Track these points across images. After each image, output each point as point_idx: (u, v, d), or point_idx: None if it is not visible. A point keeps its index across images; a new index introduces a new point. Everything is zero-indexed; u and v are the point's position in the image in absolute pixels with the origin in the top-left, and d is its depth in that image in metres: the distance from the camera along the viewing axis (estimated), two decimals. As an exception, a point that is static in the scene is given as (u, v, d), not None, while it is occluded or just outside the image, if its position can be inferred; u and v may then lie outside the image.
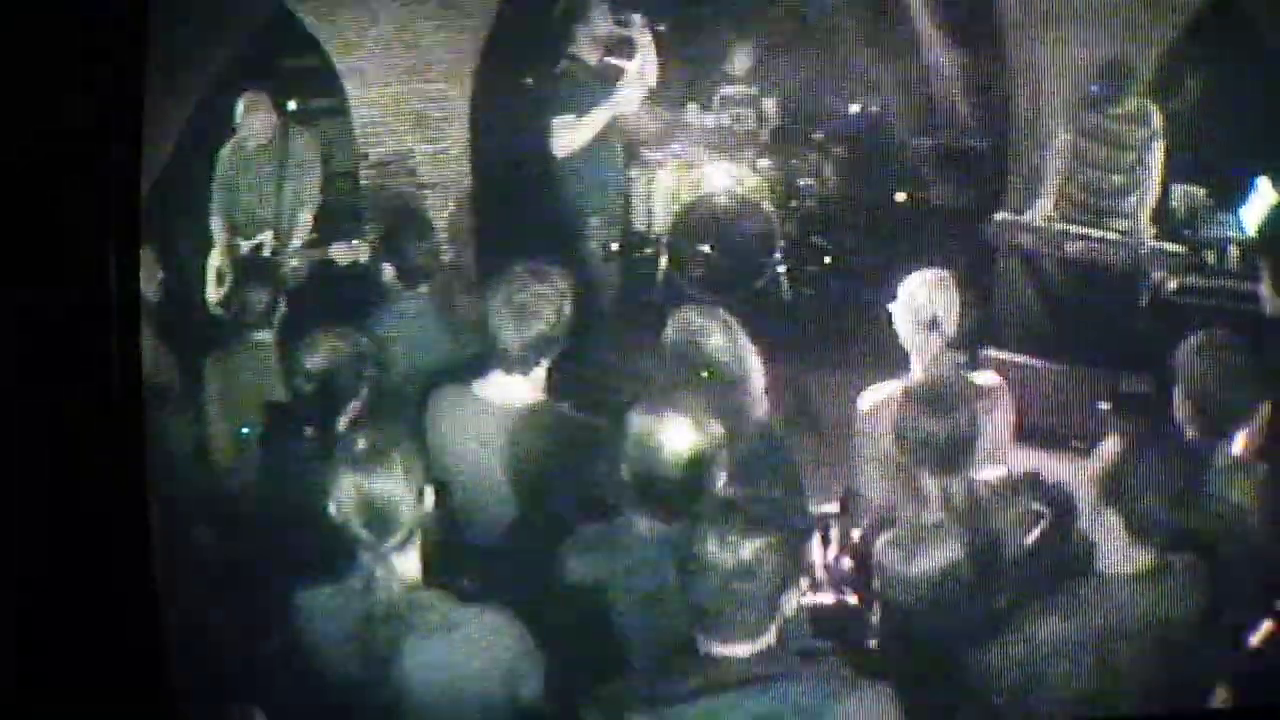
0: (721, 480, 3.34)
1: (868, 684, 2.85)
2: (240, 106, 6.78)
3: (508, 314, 3.82)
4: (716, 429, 3.37)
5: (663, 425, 3.32)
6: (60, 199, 2.73)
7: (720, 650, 2.81)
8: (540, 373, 3.91)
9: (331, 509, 3.11)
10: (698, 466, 3.29)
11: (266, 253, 6.75)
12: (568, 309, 3.91)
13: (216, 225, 6.88)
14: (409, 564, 3.15)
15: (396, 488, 3.08)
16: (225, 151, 6.91)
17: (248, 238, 6.85)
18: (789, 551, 2.84)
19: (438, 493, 3.28)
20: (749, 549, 2.76)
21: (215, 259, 6.84)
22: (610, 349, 4.22)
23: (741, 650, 2.80)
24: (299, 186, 6.92)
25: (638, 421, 3.38)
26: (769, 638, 2.83)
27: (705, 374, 3.93)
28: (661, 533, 3.29)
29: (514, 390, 3.89)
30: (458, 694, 3.10)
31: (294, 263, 6.73)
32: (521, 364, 3.85)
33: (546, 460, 3.82)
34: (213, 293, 6.77)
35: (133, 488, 2.85)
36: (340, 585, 3.17)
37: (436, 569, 3.38)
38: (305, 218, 6.93)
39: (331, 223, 7.17)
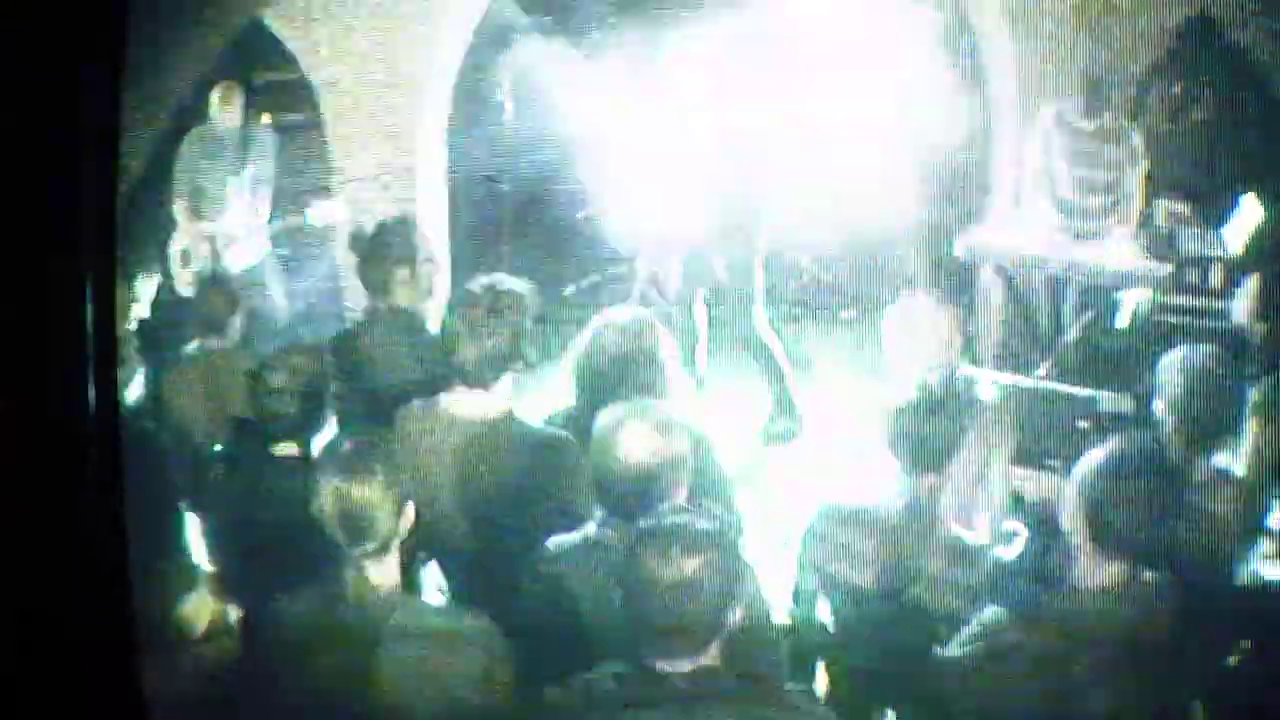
0: (681, 490, 3.31)
1: (812, 709, 2.81)
2: (215, 96, 6.99)
3: (464, 329, 3.80)
4: (678, 439, 3.33)
5: (623, 427, 3.30)
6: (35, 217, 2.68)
7: (662, 665, 2.77)
8: (504, 386, 3.86)
9: (312, 512, 3.13)
10: (653, 473, 3.26)
11: (229, 232, 7.03)
12: (527, 324, 3.87)
13: (180, 208, 7.06)
14: (386, 571, 3.17)
15: (376, 496, 3.11)
16: (191, 137, 7.07)
17: (209, 220, 7.07)
18: (731, 569, 2.80)
19: (415, 504, 3.28)
20: (690, 565, 2.72)
21: (179, 241, 7.05)
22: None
23: (682, 666, 2.76)
24: (259, 171, 7.16)
25: (601, 421, 3.36)
26: (710, 656, 2.79)
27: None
28: (622, 539, 3.21)
29: (478, 403, 3.84)
30: (433, 699, 3.10)
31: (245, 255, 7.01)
32: (479, 378, 3.81)
33: (512, 472, 3.79)
34: (180, 276, 6.97)
35: (107, 492, 2.81)
36: (318, 591, 3.18)
37: (412, 576, 3.49)
38: (264, 200, 7.20)
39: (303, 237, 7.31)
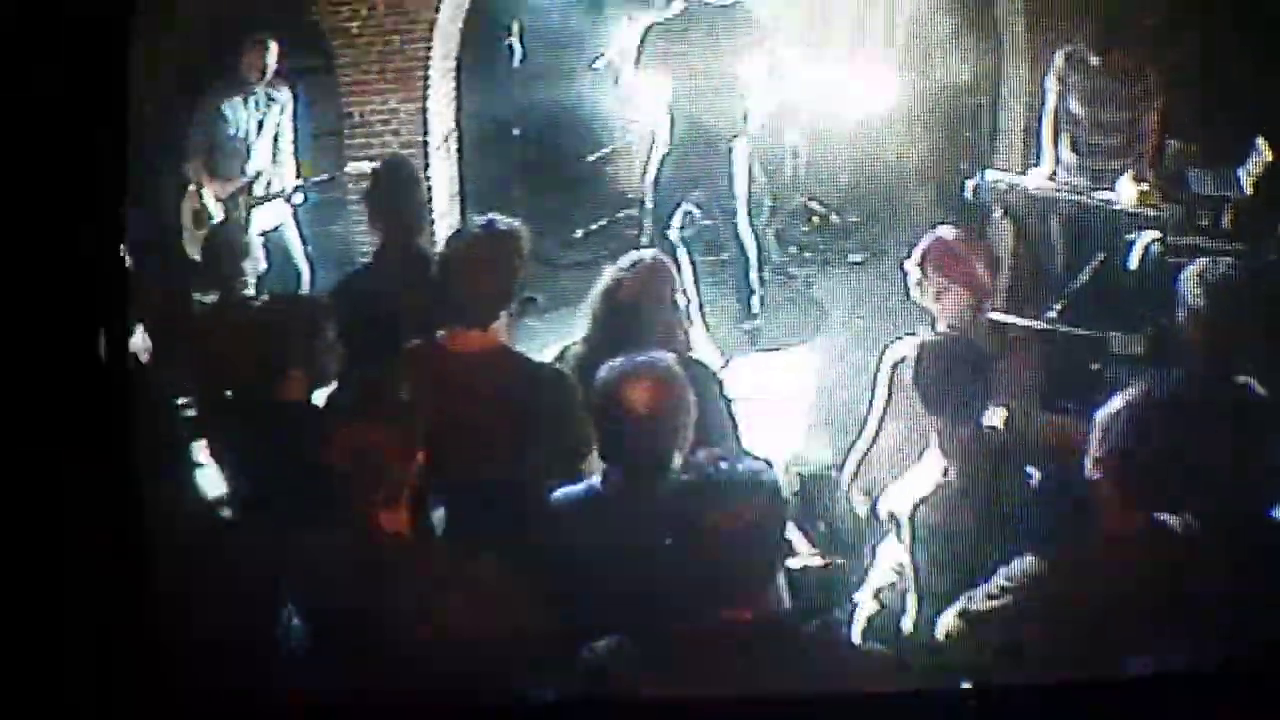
0: (687, 443, 3.29)
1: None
2: (247, 48, 6.83)
3: (460, 268, 3.85)
4: (684, 390, 3.32)
5: (629, 382, 3.28)
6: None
7: (725, 614, 2.74)
8: (499, 324, 3.92)
9: (321, 458, 3.11)
10: (661, 427, 3.25)
11: (248, 195, 6.88)
12: (520, 263, 3.91)
13: (195, 167, 6.88)
14: (398, 515, 3.14)
15: (386, 439, 3.09)
16: (211, 94, 6.90)
17: (227, 179, 6.89)
18: (781, 512, 2.81)
19: (427, 446, 3.26)
20: (748, 513, 2.70)
21: (192, 202, 6.88)
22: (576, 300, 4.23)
23: (744, 614, 2.74)
24: (281, 133, 7.03)
25: (603, 375, 3.35)
26: (767, 600, 2.81)
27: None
28: (635, 492, 3.24)
29: (476, 340, 3.87)
30: (448, 639, 3.05)
31: (268, 213, 6.89)
32: (477, 316, 3.83)
33: (512, 407, 3.81)
34: (190, 236, 6.79)
35: (119, 436, 2.79)
36: (330, 535, 3.16)
37: (423, 519, 3.45)
38: (286, 165, 7.06)
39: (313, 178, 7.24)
